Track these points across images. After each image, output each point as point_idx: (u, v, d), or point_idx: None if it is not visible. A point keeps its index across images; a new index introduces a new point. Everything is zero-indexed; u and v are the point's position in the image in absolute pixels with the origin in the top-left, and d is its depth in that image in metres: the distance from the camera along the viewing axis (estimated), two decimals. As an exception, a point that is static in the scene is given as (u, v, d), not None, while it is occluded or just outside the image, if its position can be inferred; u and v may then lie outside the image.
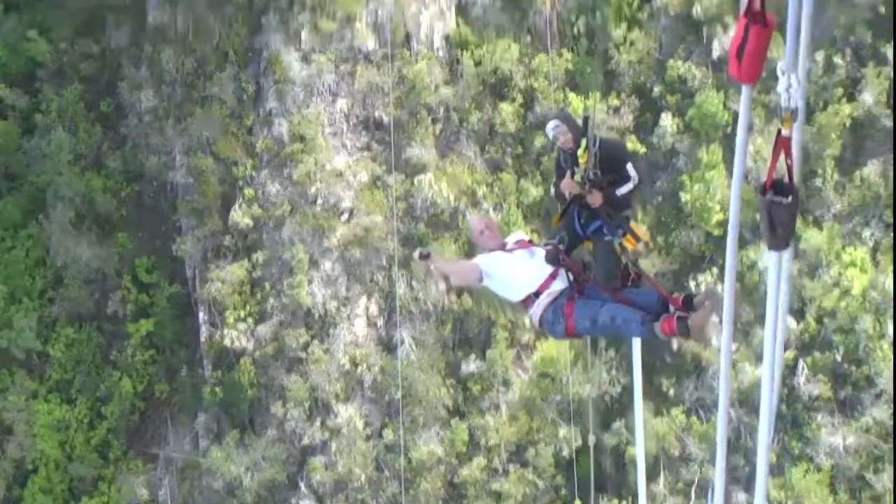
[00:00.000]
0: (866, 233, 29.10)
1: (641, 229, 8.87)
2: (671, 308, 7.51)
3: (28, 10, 30.12)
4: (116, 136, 30.04)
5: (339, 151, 29.85)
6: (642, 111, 29.62)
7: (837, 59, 29.48)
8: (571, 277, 7.98)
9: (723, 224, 29.49)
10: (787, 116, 5.27)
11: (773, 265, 5.40)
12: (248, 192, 29.41)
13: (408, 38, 30.14)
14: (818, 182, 29.27)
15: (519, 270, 8.05)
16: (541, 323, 8.08)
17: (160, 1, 29.65)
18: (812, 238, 28.97)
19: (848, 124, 29.23)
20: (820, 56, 29.29)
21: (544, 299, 7.95)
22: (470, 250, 29.37)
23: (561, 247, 8.15)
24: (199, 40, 29.64)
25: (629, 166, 8.42)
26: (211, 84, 29.54)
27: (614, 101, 29.69)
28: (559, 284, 8.01)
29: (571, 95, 29.27)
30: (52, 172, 29.17)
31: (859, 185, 29.21)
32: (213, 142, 29.36)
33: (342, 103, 29.87)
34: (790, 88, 5.17)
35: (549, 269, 8.05)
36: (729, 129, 29.69)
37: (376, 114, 29.74)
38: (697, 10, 29.39)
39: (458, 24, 30.22)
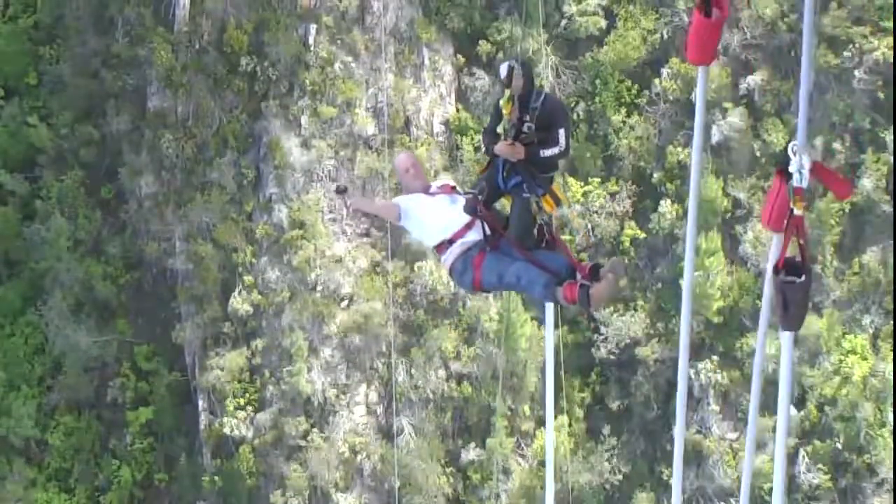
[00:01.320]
0: (866, 320, 32.93)
1: (563, 193, 9.38)
2: (578, 276, 8.31)
3: (28, 95, 34.30)
4: (116, 222, 34.09)
5: (339, 238, 33.83)
6: (641, 197, 33.58)
7: (836, 145, 33.44)
8: (487, 230, 8.77)
9: (723, 311, 33.39)
10: (800, 196, 5.94)
11: (786, 346, 6.08)
12: (248, 278, 33.34)
13: (407, 123, 34.28)
14: (818, 268, 33.10)
15: (436, 215, 8.89)
16: (450, 271, 8.95)
17: (160, 87, 33.83)
18: (812, 325, 32.75)
19: (847, 210, 33.12)
20: (819, 142, 33.25)
21: (457, 248, 8.77)
22: (470, 336, 33.29)
23: (480, 197, 8.92)
24: (199, 126, 33.78)
25: (561, 132, 8.90)
26: (211, 170, 33.60)
27: (613, 187, 33.68)
28: (474, 235, 8.81)
29: (571, 180, 33.27)
30: (51, 259, 33.15)
31: (859, 271, 33.09)
32: (213, 228, 33.35)
33: (342, 189, 33.85)
34: (802, 169, 5.82)
35: (467, 218, 8.85)
36: (729, 216, 33.66)
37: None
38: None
39: (457, 110, 34.35)
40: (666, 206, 33.25)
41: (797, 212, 5.97)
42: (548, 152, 8.89)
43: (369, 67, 34.24)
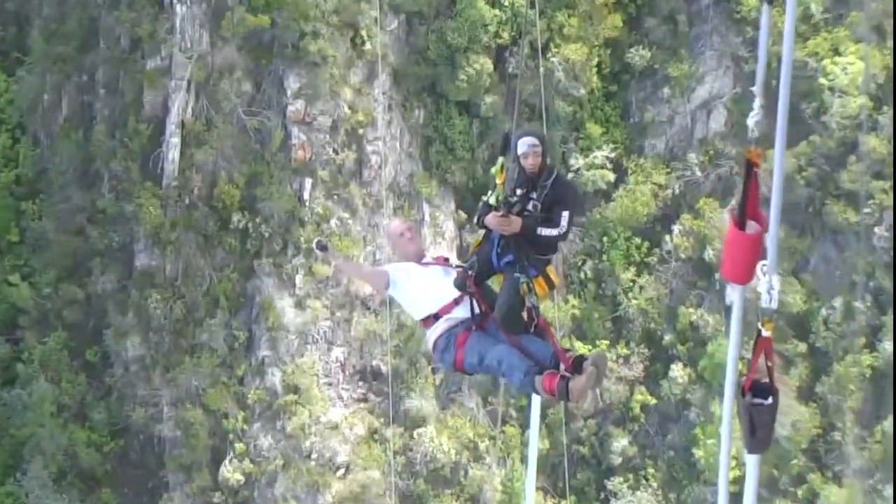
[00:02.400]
0: (888, 490, 36.70)
1: (558, 277, 10.20)
2: (561, 367, 8.83)
3: (10, 253, 38.33)
4: (101, 386, 37.98)
5: (335, 403, 37.74)
6: (652, 360, 37.53)
7: (857, 305, 37.41)
8: (476, 308, 9.37)
9: (739, 481, 37.17)
10: (768, 318, 6.46)
11: (751, 469, 6.75)
12: (240, 445, 37.20)
13: (407, 282, 38.20)
14: (837, 436, 37.00)
15: (426, 287, 9.55)
16: (433, 348, 9.56)
17: (148, 244, 37.80)
18: (832, 495, 36.60)
19: (868, 375, 37.05)
20: (838, 302, 37.27)
21: (442, 323, 9.41)
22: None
23: (470, 273, 9.49)
24: (188, 285, 37.71)
25: (564, 214, 9.46)
26: (201, 331, 37.53)
27: (623, 350, 37.64)
28: (461, 312, 9.41)
29: (578, 344, 37.24)
30: (33, 425, 36.98)
31: (880, 439, 36.90)
32: (202, 393, 37.23)
33: (338, 352, 37.85)
34: (771, 290, 6.37)
35: (456, 293, 9.45)
36: (744, 378, 37.46)
37: (374, 363, 37.73)
38: (709, 254, 37.41)
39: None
40: (678, 370, 37.16)
41: (765, 333, 6.60)
42: (545, 231, 9.40)
43: (367, 223, 38.24)
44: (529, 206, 9.50)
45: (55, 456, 37.18)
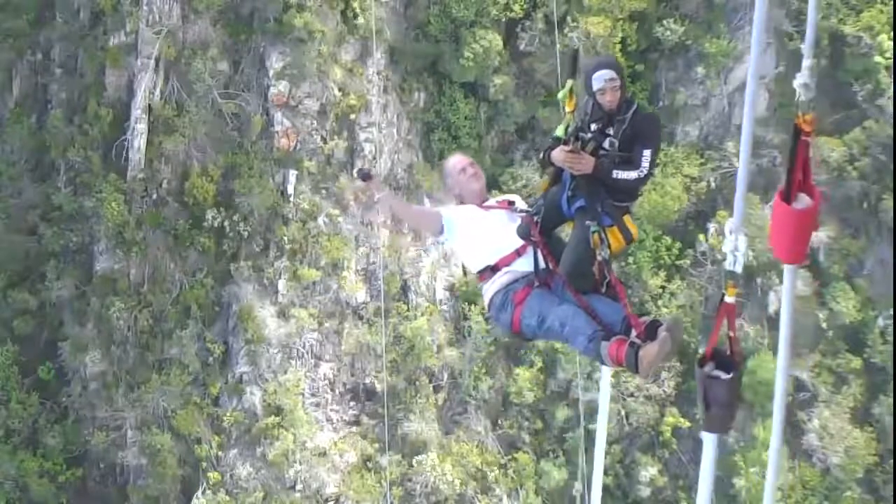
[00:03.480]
0: (956, 527, 37.71)
1: (636, 228, 9.69)
2: (633, 332, 8.77)
3: (-48, 261, 39.43)
4: (56, 407, 38.86)
5: (323, 426, 38.70)
6: (685, 377, 38.55)
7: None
8: (540, 261, 9.41)
9: (786, 516, 38.30)
10: (732, 282, 6.66)
11: (708, 449, 7.20)
12: (214, 475, 38.10)
13: (405, 288, 39.25)
14: (898, 465, 38.00)
15: (486, 234, 9.61)
16: (489, 305, 9.61)
17: (110, 245, 38.77)
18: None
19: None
20: (897, 311, 38.35)
21: (501, 277, 9.44)
22: None
23: (536, 219, 9.49)
24: (155, 292, 38.62)
25: (646, 153, 9.31)
26: (170, 344, 38.49)
27: (652, 366, 38.57)
28: (524, 265, 9.45)
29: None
30: (-23, 452, 38.05)
31: (947, 468, 37.91)
32: (171, 415, 38.20)
33: (326, 368, 38.85)
34: (736, 252, 6.66)
35: (519, 242, 9.50)
36: (790, 399, 38.66)
37: (367, 380, 38.68)
38: (750, 257, 38.44)
39: (464, 273, 39.21)
40: (714, 388, 38.09)
41: (728, 298, 6.84)
42: (623, 174, 9.30)
43: (359, 222, 39.48)
44: (605, 144, 9.45)
45: (2, 486, 38.17)
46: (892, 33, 39.31)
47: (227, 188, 38.49)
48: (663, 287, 38.69)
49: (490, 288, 9.56)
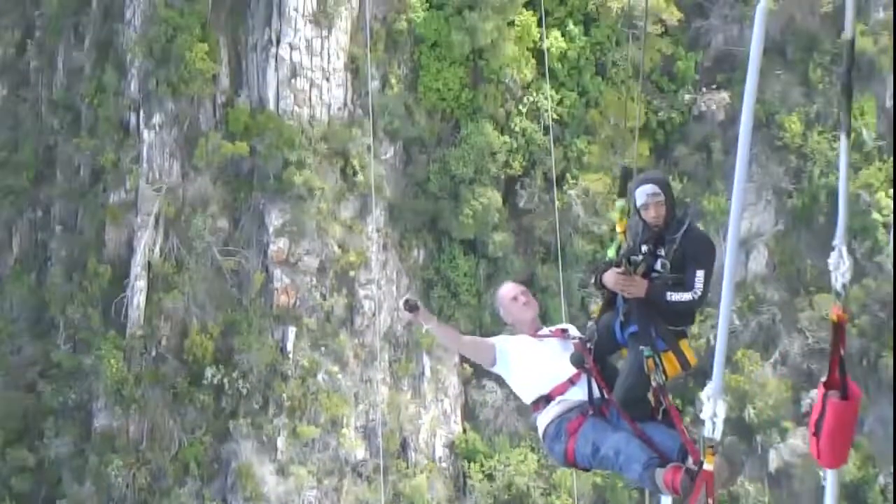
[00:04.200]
0: None
1: (693, 354, 10.14)
2: (689, 460, 9.20)
3: (-50, 416, 43.54)
4: (55, 569, 42.73)
5: (324, 588, 42.51)
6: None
7: (921, 472, 42.58)
8: (594, 389, 9.97)
9: None
10: (711, 449, 7.49)
11: None
12: None
13: (404, 445, 43.12)
14: None
15: (538, 364, 10.17)
16: (543, 436, 10.14)
17: (108, 402, 42.68)
18: None
19: (936, 553, 41.97)
20: (899, 469, 42.46)
21: (554, 407, 10.00)
22: None
23: (589, 346, 10.08)
24: (154, 449, 42.28)
25: (699, 274, 9.71)
26: (168, 502, 42.31)
27: (653, 524, 42.68)
28: (577, 393, 10.02)
29: None
30: None
31: None
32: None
33: (325, 526, 42.86)
34: (715, 417, 7.43)
35: (572, 370, 10.07)
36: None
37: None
38: (750, 413, 42.78)
39: (464, 430, 43.52)
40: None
41: (707, 466, 7.55)
42: (677, 297, 9.69)
43: (359, 379, 42.85)
44: (657, 266, 9.86)
45: None
46: (890, 191, 44.07)
47: (227, 345, 42.49)
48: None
49: (543, 418, 10.07)
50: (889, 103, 44.53)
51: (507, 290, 10.98)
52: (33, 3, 47.40)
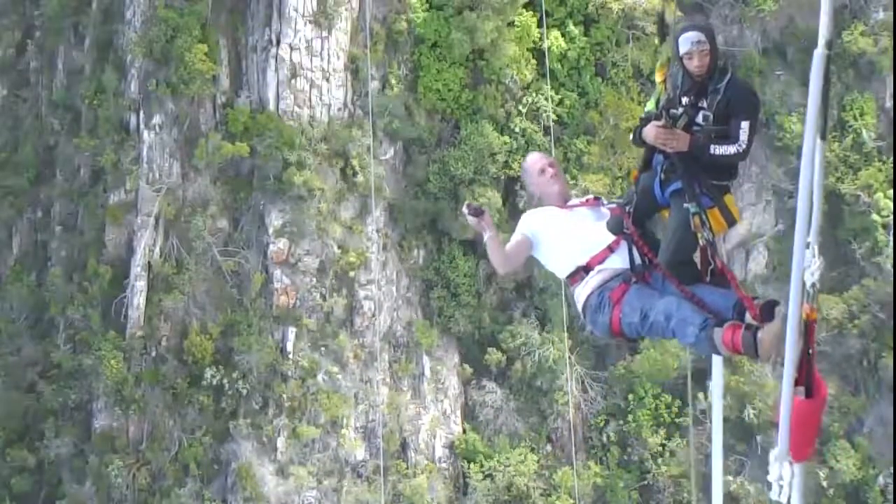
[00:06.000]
0: None
1: (737, 209, 10.22)
2: (747, 316, 9.52)
3: (-51, 417, 46.25)
4: (54, 568, 45.39)
5: (322, 587, 45.24)
6: (686, 541, 45.19)
7: (920, 472, 45.30)
8: (636, 255, 10.25)
9: None
10: None
11: None
12: None
13: (404, 446, 45.34)
14: None
15: (573, 235, 10.46)
16: (583, 309, 10.40)
17: (108, 403, 44.96)
18: None
19: (934, 553, 44.63)
20: (898, 469, 45.17)
21: (594, 277, 10.30)
22: None
23: (628, 210, 10.32)
24: (154, 450, 44.42)
25: (744, 125, 9.95)
26: (168, 503, 44.96)
27: (653, 525, 45.53)
28: (617, 261, 10.31)
29: (599, 519, 45.21)
30: None
31: None
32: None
33: (325, 526, 45.60)
34: (781, 480, 7.81)
35: (610, 238, 10.36)
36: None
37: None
38: (750, 414, 45.51)
39: (464, 430, 45.93)
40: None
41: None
42: (721, 150, 9.93)
43: (359, 379, 44.92)
44: (699, 118, 10.04)
45: None
46: (889, 191, 46.89)
47: (226, 346, 44.93)
48: (663, 445, 45.41)
49: (583, 291, 10.33)
50: (889, 104, 47.10)
51: (534, 160, 11.20)
52: (33, 4, 49.65)
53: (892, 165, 45.29)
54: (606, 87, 47.78)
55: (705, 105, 10.09)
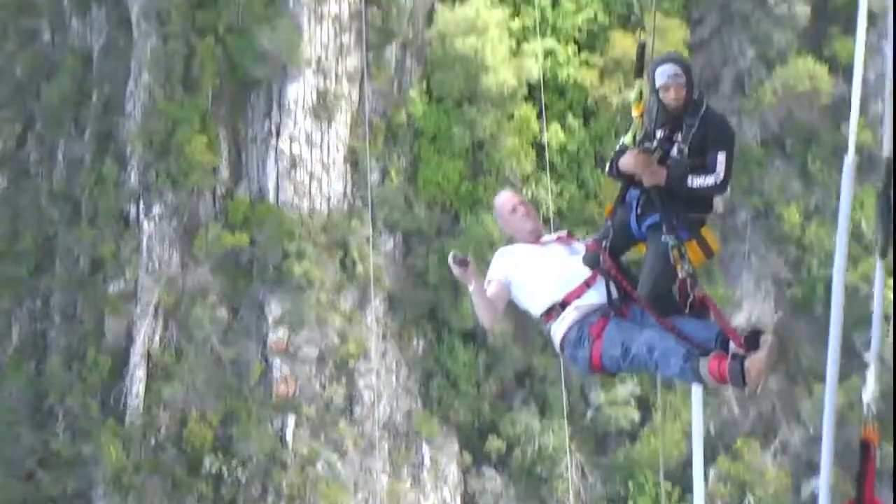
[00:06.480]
0: None
1: (715, 240, 10.38)
2: (731, 346, 9.54)
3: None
4: None
5: None
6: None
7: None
8: (613, 289, 10.30)
9: None
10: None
11: None
12: None
13: (403, 536, 46.91)
14: None
15: (547, 271, 10.48)
16: (561, 345, 10.33)
17: (108, 491, 44.50)
18: None
19: None
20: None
21: (571, 313, 10.30)
22: None
23: (604, 244, 10.37)
24: (153, 536, 46.30)
25: (720, 156, 10.10)
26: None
27: None
28: (594, 297, 10.35)
29: None
30: None
31: None
32: None
33: None
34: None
35: (586, 273, 10.41)
36: None
37: None
38: (750, 503, 46.33)
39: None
40: None
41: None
42: (699, 181, 10.07)
43: (358, 467, 45.63)
44: (674, 152, 10.18)
45: None
46: (890, 280, 48.01)
47: (226, 434, 45.69)
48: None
49: (560, 326, 10.29)
50: (891, 200, 48.39)
51: (504, 200, 11.14)
52: (34, 95, 51.27)
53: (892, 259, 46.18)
54: (606, 179, 48.91)
55: (679, 138, 10.24)
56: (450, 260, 10.40)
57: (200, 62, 46.05)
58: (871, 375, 8.07)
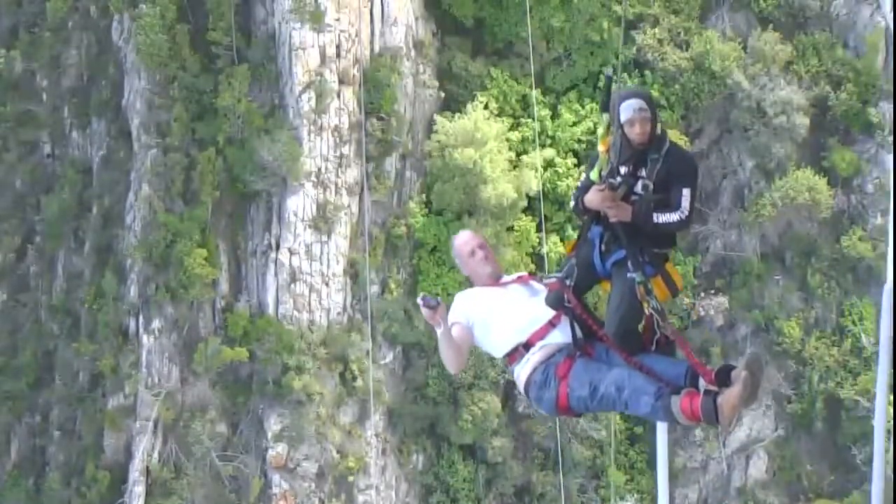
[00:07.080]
0: None
1: (680, 277, 10.45)
2: (701, 383, 9.58)
3: None
4: None
5: None
6: None
7: None
8: (577, 329, 10.30)
9: None
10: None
11: None
12: None
13: None
14: None
15: (508, 312, 10.51)
16: (526, 387, 10.31)
17: None
18: None
19: None
20: None
21: (535, 354, 10.31)
22: None
23: (568, 283, 10.42)
24: None
25: (685, 192, 10.30)
26: None
27: None
28: (559, 336, 10.36)
29: None
30: None
31: None
32: None
33: None
34: None
35: (550, 313, 10.45)
36: None
37: None
38: None
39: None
40: None
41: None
42: (664, 218, 10.26)
43: None
44: (638, 188, 10.34)
45: None
46: (891, 395, 49.00)
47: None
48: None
49: (524, 369, 10.33)
50: (888, 317, 49.40)
51: (464, 241, 11.23)
52: (33, 208, 52.39)
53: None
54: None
55: (644, 174, 10.37)
56: (419, 301, 10.30)
57: (200, 174, 46.71)
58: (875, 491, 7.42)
